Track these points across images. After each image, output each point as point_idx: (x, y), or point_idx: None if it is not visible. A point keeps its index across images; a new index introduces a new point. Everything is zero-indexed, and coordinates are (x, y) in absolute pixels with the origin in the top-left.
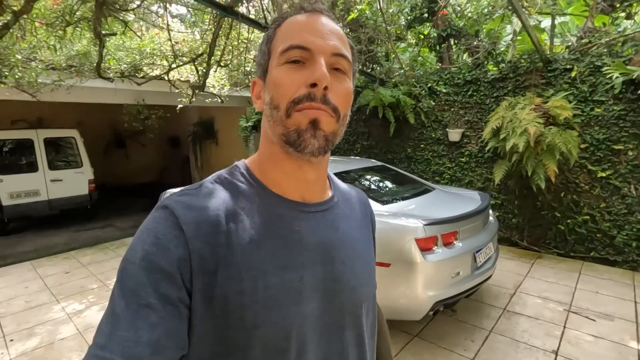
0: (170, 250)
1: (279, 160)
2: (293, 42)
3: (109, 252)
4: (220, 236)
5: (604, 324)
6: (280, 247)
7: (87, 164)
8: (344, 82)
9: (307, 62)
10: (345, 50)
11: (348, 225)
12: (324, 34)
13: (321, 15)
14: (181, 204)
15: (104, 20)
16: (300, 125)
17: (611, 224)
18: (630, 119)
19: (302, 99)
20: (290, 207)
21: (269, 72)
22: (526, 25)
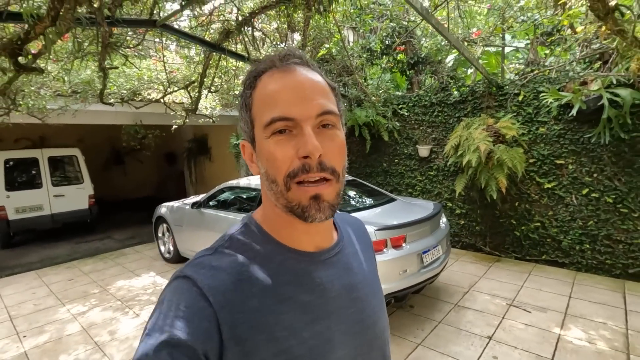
0: (194, 324)
1: (287, 221)
2: (274, 114)
3: (108, 262)
4: (249, 302)
5: (538, 315)
6: (306, 302)
7: (87, 180)
8: (335, 137)
9: (294, 130)
10: (329, 103)
11: (358, 261)
12: (305, 96)
13: (296, 72)
14: (202, 273)
15: (108, 57)
16: (302, 201)
17: (558, 230)
18: (569, 137)
19: (297, 172)
20: (309, 260)
21: (257, 143)
22: (469, 58)
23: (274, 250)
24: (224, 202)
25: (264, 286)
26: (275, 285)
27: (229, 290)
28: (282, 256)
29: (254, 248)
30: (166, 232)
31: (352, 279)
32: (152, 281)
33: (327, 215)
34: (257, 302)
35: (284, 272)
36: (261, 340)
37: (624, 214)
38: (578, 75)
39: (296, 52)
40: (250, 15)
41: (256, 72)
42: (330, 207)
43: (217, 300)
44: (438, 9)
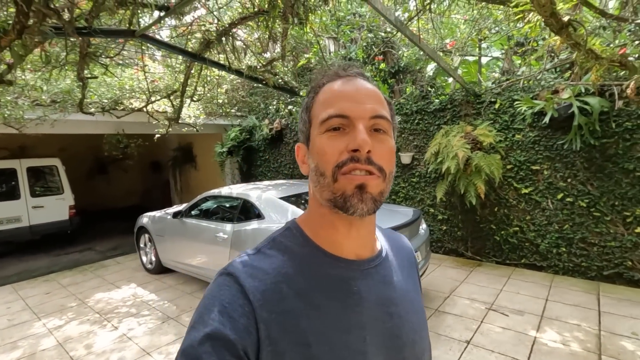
0: (235, 320)
1: (330, 221)
2: (332, 111)
3: (88, 274)
4: (285, 303)
5: (515, 318)
6: (341, 309)
7: (67, 190)
8: (386, 141)
9: (347, 129)
10: (383, 110)
11: (399, 276)
12: (361, 99)
13: (356, 79)
14: (244, 272)
15: (86, 66)
16: (346, 190)
17: (536, 234)
18: (543, 143)
19: (346, 162)
20: (347, 267)
21: (311, 140)
22: (445, 68)
23: (312, 255)
24: (206, 211)
25: (300, 290)
26: (310, 289)
27: (267, 290)
28: (320, 260)
29: (293, 251)
30: (148, 242)
31: (390, 293)
32: (133, 293)
33: (369, 208)
34: (292, 304)
35: (320, 278)
36: (292, 343)
37: (597, 218)
38: (550, 84)
39: (357, 66)
40: (230, 25)
41: (321, 82)
42: (373, 200)
43: (256, 298)
44: (412, 21)
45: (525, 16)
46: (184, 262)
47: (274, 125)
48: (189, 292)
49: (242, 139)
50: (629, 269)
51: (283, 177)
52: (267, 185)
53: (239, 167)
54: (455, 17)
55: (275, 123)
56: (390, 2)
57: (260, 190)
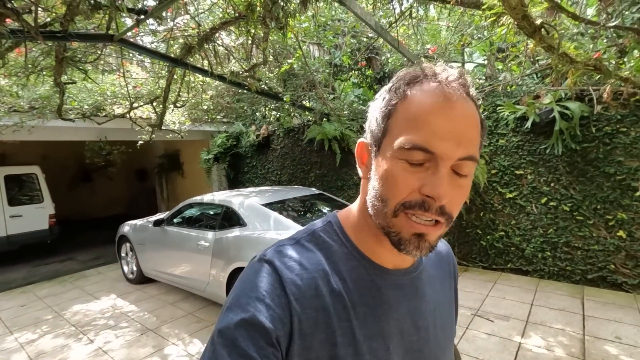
0: (272, 309)
1: (376, 235)
2: (417, 140)
3: (67, 285)
4: (319, 300)
5: (500, 324)
6: (370, 316)
7: (47, 199)
8: (466, 186)
9: (428, 164)
10: (475, 147)
11: (434, 289)
12: (457, 135)
13: (456, 101)
14: (283, 262)
15: (65, 72)
16: (402, 232)
17: (521, 238)
18: (527, 148)
19: (414, 205)
20: (382, 275)
21: (381, 154)
22: None
23: (350, 255)
24: (188, 219)
25: (334, 289)
26: (344, 291)
27: (304, 284)
28: (357, 263)
29: (332, 248)
30: (129, 251)
31: (421, 306)
32: (112, 304)
33: (424, 255)
34: (325, 302)
35: (354, 280)
36: (321, 340)
37: (580, 222)
38: (531, 89)
39: (461, 71)
40: (211, 30)
41: (409, 79)
42: (430, 247)
43: (293, 292)
44: (393, 27)
45: (499, 20)
46: (165, 272)
47: (260, 131)
48: (171, 302)
49: (229, 145)
50: (612, 272)
51: (270, 183)
52: (250, 191)
53: (226, 173)
54: (438, 23)
55: (262, 129)
56: (369, 7)
57: (242, 197)
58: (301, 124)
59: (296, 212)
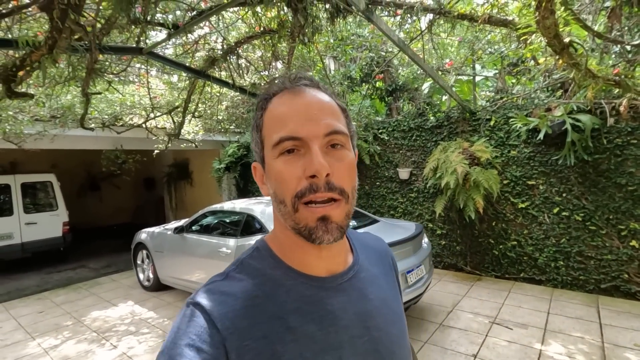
0: (204, 352)
1: (298, 245)
2: (283, 133)
3: (82, 292)
4: (257, 328)
5: (519, 332)
6: (316, 331)
7: (62, 206)
8: (344, 156)
9: (302, 149)
10: (337, 123)
11: (376, 286)
12: (313, 115)
13: (305, 91)
14: (212, 299)
15: (92, 82)
16: (309, 222)
17: (534, 248)
18: (538, 159)
19: (305, 192)
20: (320, 286)
21: (266, 163)
22: (443, 86)
23: (283, 276)
24: (207, 227)
25: (273, 313)
26: (283, 312)
27: (237, 316)
28: (292, 281)
29: (264, 273)
30: (146, 258)
31: (366, 306)
32: (130, 310)
33: (336, 237)
34: (265, 329)
35: (293, 299)
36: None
37: (593, 231)
38: (543, 102)
39: (306, 74)
40: (236, 44)
41: (267, 95)
42: (339, 228)
43: (225, 326)
44: (413, 41)
45: (528, 38)
46: (184, 279)
47: None
48: None
49: (240, 155)
50: (625, 282)
51: None
52: (269, 200)
53: (236, 183)
54: (451, 39)
55: None
56: (393, 24)
57: (263, 205)
58: None
59: None
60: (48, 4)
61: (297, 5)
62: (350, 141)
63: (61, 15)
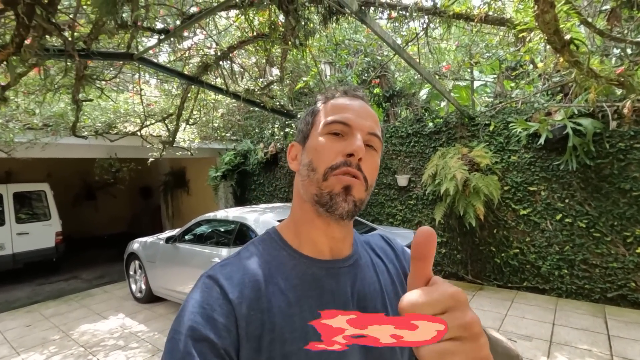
0: (215, 319)
1: (310, 219)
2: (337, 117)
3: (72, 304)
4: (262, 301)
5: (523, 344)
6: (316, 307)
7: (55, 216)
8: (374, 157)
9: (346, 136)
10: (378, 130)
11: (373, 274)
12: (363, 115)
13: (360, 100)
14: (224, 274)
15: (82, 89)
16: (334, 188)
17: (536, 256)
18: (539, 164)
19: (339, 165)
20: (321, 267)
21: (310, 139)
22: (441, 91)
23: (289, 257)
24: (200, 236)
25: (276, 289)
26: (287, 288)
27: (246, 288)
28: (295, 261)
29: (271, 253)
30: (138, 269)
31: (363, 289)
32: (121, 323)
33: (350, 209)
34: (269, 302)
35: (296, 276)
36: (271, 339)
37: (597, 238)
38: (542, 106)
39: (362, 93)
40: (229, 49)
41: (331, 95)
42: (355, 203)
43: (236, 296)
44: (409, 45)
45: (527, 36)
46: (176, 290)
47: (269, 149)
48: None
49: (237, 162)
50: (632, 291)
51: (278, 200)
52: (264, 208)
53: (233, 191)
54: (447, 43)
55: (271, 147)
56: (388, 28)
57: (257, 214)
58: None
59: None
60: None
61: (287, 7)
62: (380, 150)
63: (27, 11)
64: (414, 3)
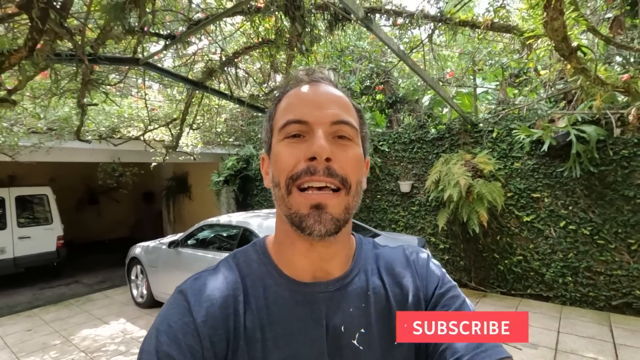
0: (179, 339)
1: (290, 239)
2: (290, 116)
3: (73, 309)
4: (230, 319)
5: (528, 352)
6: (283, 336)
7: (57, 220)
8: (350, 148)
9: (307, 135)
10: (347, 115)
11: (362, 303)
12: (323, 104)
13: (319, 85)
14: (194, 288)
15: (87, 94)
16: (300, 209)
17: (540, 263)
18: (543, 171)
19: (300, 174)
20: (297, 290)
21: (271, 150)
22: (444, 97)
23: (267, 274)
24: (203, 241)
25: (247, 308)
26: (257, 309)
27: (213, 306)
28: (272, 280)
29: (250, 266)
30: (140, 274)
31: (343, 323)
32: (122, 329)
33: (329, 229)
34: (238, 322)
35: (270, 297)
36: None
37: (601, 246)
38: (546, 113)
39: (324, 70)
40: (234, 55)
41: (284, 89)
42: (334, 220)
43: (200, 315)
44: (413, 52)
45: (534, 43)
46: None
47: None
48: None
49: (239, 168)
50: (637, 299)
51: None
52: (267, 213)
53: (235, 196)
54: (451, 50)
55: None
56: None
57: (260, 219)
58: None
59: None
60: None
61: (294, 14)
62: (358, 136)
63: (41, 15)
64: (419, 10)
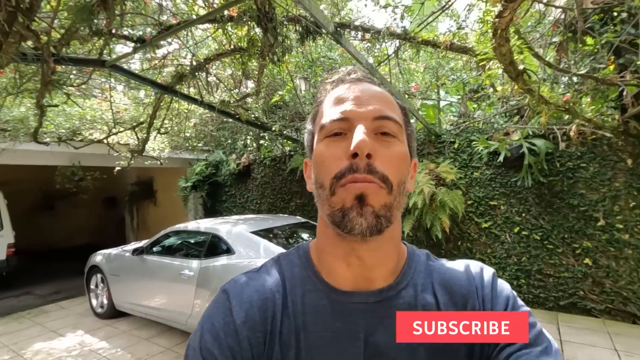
0: (221, 338)
1: (332, 244)
2: (332, 116)
3: (24, 322)
4: (267, 323)
5: None
6: (317, 347)
7: (8, 227)
8: (393, 145)
9: (349, 133)
10: (390, 111)
11: None
12: (363, 100)
13: (360, 83)
14: (236, 289)
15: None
16: (345, 202)
17: (497, 266)
18: (499, 180)
19: (344, 173)
20: (336, 300)
21: (314, 151)
22: (411, 109)
23: (307, 278)
24: (169, 248)
25: (286, 312)
26: (295, 314)
27: (253, 307)
28: (311, 286)
29: (292, 272)
30: (100, 283)
31: (385, 339)
32: (80, 341)
33: (370, 224)
34: (274, 325)
35: (308, 303)
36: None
37: (550, 250)
38: (501, 126)
39: (364, 70)
40: (205, 61)
41: (325, 90)
42: (375, 214)
43: (240, 316)
44: (381, 65)
45: (486, 64)
46: (142, 304)
47: (241, 160)
48: (146, 337)
49: (208, 173)
50: (581, 299)
51: (250, 212)
52: (237, 219)
53: (203, 202)
54: (417, 64)
55: (243, 158)
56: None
57: (230, 225)
58: (283, 153)
59: (285, 239)
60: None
61: (267, 25)
62: (403, 133)
63: (8, 18)
64: (385, 28)
